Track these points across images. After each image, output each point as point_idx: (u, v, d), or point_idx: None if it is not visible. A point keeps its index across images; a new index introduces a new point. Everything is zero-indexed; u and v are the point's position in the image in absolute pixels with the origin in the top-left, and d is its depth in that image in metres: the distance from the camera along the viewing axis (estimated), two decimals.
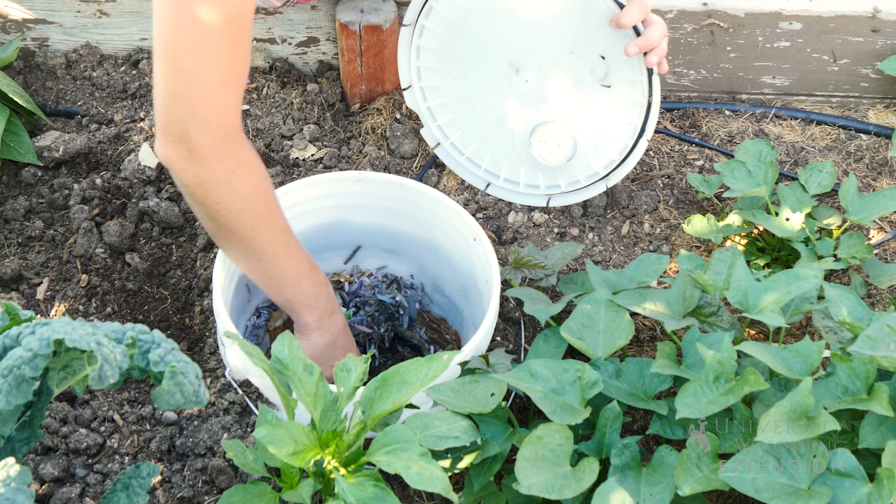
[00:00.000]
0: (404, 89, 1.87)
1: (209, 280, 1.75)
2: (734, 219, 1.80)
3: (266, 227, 1.42)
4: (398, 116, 2.02)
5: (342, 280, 1.79)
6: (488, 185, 1.92)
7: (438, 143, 1.92)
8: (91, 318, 1.71)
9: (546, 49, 1.73)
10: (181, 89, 1.28)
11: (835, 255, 1.70)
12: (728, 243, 1.84)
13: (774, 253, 1.80)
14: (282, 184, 1.82)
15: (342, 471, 1.19)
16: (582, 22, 1.67)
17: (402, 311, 1.77)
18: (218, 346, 1.63)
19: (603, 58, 1.69)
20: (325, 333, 1.51)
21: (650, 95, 1.69)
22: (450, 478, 1.37)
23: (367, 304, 1.76)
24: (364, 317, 1.75)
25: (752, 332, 1.70)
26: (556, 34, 1.70)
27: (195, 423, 1.52)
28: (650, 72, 1.65)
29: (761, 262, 1.76)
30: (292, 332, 1.47)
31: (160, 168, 1.87)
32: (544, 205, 1.89)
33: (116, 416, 1.53)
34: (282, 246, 1.45)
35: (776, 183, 1.84)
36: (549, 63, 1.74)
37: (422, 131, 1.92)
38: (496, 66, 1.79)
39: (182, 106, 1.29)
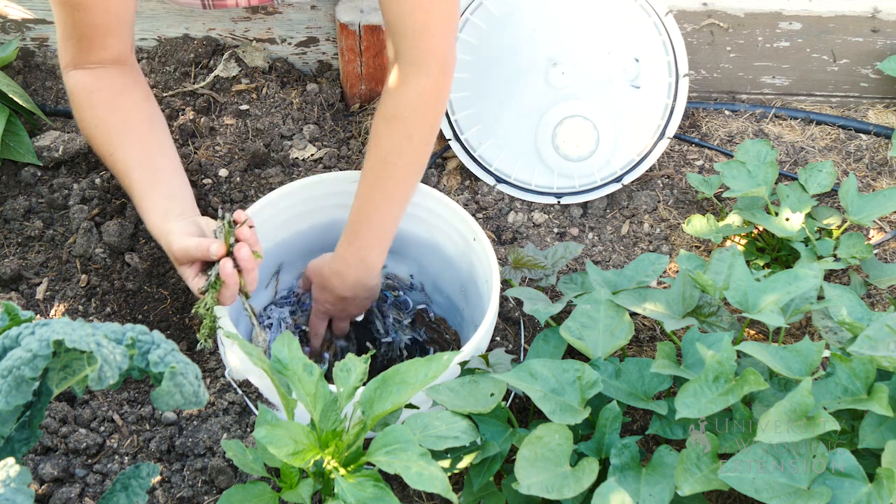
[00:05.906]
0: None
1: None
2: (734, 219, 1.80)
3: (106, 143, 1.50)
4: None
5: None
6: (499, 181, 1.92)
7: (452, 137, 1.93)
8: (91, 318, 1.71)
9: (585, 47, 1.84)
10: None
11: (834, 255, 1.70)
12: (728, 243, 1.84)
13: (774, 253, 1.80)
14: (281, 184, 1.82)
15: (342, 471, 1.19)
16: (621, 26, 1.83)
17: (402, 334, 1.79)
18: (218, 346, 1.63)
19: (637, 60, 1.81)
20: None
21: (675, 99, 1.82)
22: (449, 478, 1.37)
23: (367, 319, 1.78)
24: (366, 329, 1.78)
25: (752, 332, 1.70)
26: (597, 34, 1.83)
27: (195, 423, 1.52)
28: (678, 75, 1.79)
29: (761, 262, 1.76)
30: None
31: None
32: (555, 202, 1.91)
33: (116, 417, 1.53)
34: (122, 168, 1.49)
35: (776, 183, 1.84)
36: (586, 60, 1.86)
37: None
38: (534, 60, 1.87)
39: None
